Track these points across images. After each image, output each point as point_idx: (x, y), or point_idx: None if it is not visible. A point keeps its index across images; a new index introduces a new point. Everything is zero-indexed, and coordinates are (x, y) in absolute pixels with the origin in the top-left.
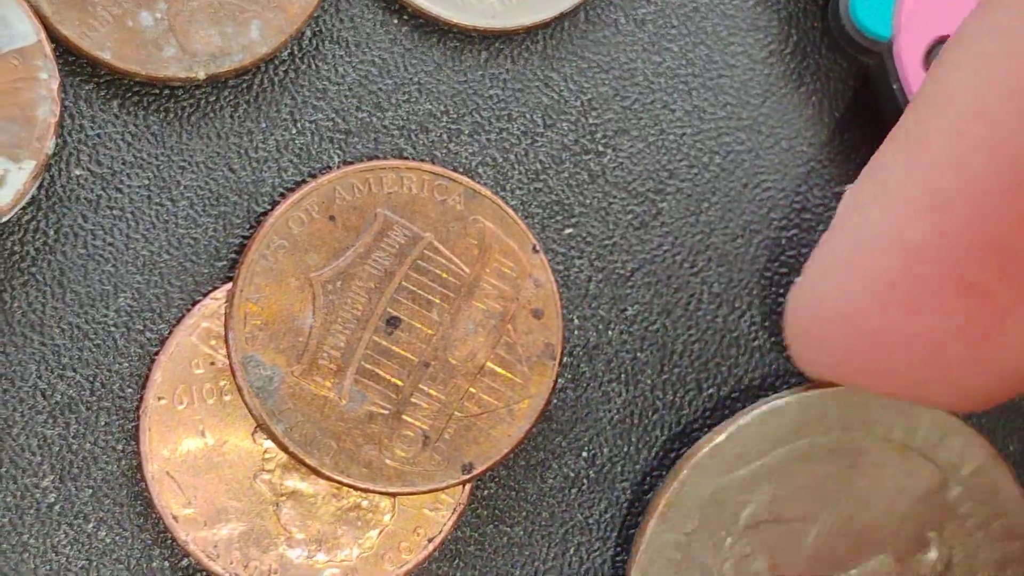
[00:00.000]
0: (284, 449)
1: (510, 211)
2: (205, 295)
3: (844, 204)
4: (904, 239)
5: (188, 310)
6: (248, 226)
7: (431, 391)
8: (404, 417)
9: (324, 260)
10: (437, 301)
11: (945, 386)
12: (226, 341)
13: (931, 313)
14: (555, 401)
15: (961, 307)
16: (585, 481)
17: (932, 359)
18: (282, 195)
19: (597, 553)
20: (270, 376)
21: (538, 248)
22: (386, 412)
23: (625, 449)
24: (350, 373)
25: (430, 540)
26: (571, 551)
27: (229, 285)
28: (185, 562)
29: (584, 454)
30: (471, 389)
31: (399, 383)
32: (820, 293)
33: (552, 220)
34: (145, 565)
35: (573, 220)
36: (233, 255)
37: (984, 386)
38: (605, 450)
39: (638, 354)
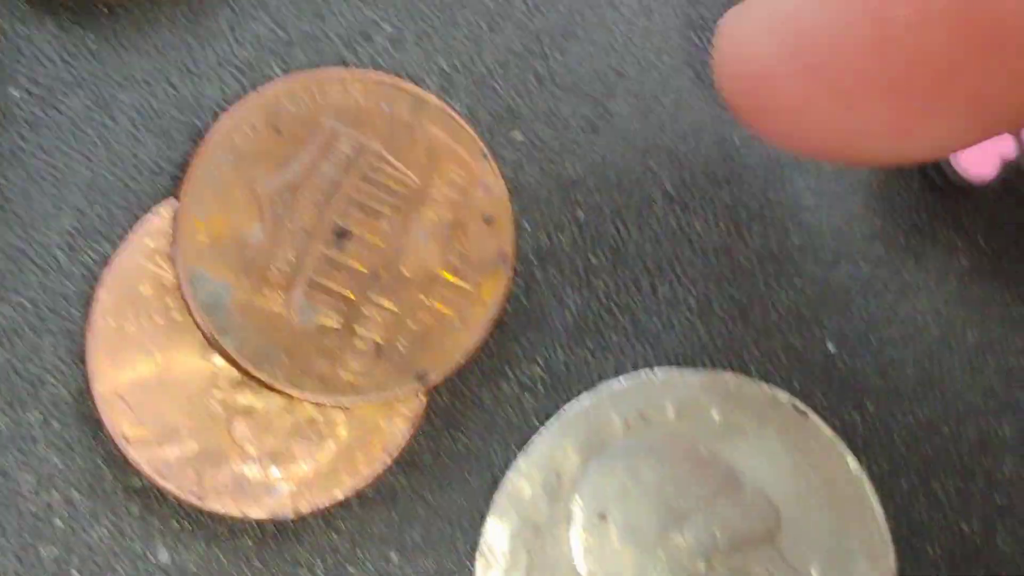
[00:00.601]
0: (235, 365)
1: (458, 118)
2: (149, 212)
3: None
4: (835, 30)
5: (131, 228)
6: (191, 142)
7: (383, 302)
8: (356, 329)
9: (270, 173)
10: (386, 211)
11: (875, 127)
12: (173, 258)
13: (851, 103)
14: (508, 308)
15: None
16: (541, 387)
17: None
18: (225, 109)
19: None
20: (219, 292)
21: (487, 154)
22: (338, 325)
23: (580, 354)
24: (300, 286)
25: (387, 451)
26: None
27: (174, 201)
28: (137, 482)
29: (539, 360)
30: (423, 299)
31: (350, 295)
32: (745, 43)
33: (500, 126)
34: (96, 486)
35: (522, 125)
36: (176, 172)
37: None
38: (560, 355)
39: (591, 258)
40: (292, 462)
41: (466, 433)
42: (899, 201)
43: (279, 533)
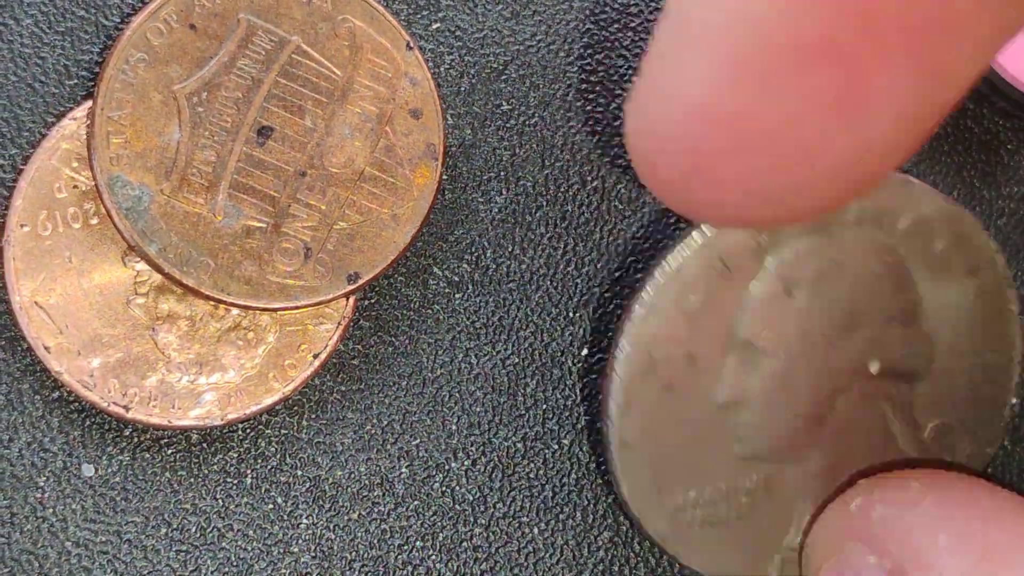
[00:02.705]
0: (159, 271)
1: (380, 8)
2: (61, 116)
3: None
4: (749, 8)
5: (42, 133)
6: (98, 41)
7: (310, 201)
8: (283, 230)
9: (187, 71)
10: (309, 107)
11: (803, 178)
12: (90, 162)
13: (788, 88)
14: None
15: (821, 76)
16: (470, 284)
17: (791, 145)
18: (133, 6)
19: (487, 358)
20: (139, 196)
21: (412, 45)
22: (264, 226)
23: (509, 249)
24: (223, 188)
25: (315, 356)
26: (460, 357)
27: (88, 104)
28: (57, 394)
29: (467, 257)
30: (351, 196)
31: (275, 195)
32: (661, 87)
33: (418, 15)
34: (15, 399)
35: (440, 14)
36: (84, 73)
37: (844, 171)
38: (488, 252)
39: (517, 150)
40: (219, 369)
41: (394, 334)
42: None
43: (206, 442)
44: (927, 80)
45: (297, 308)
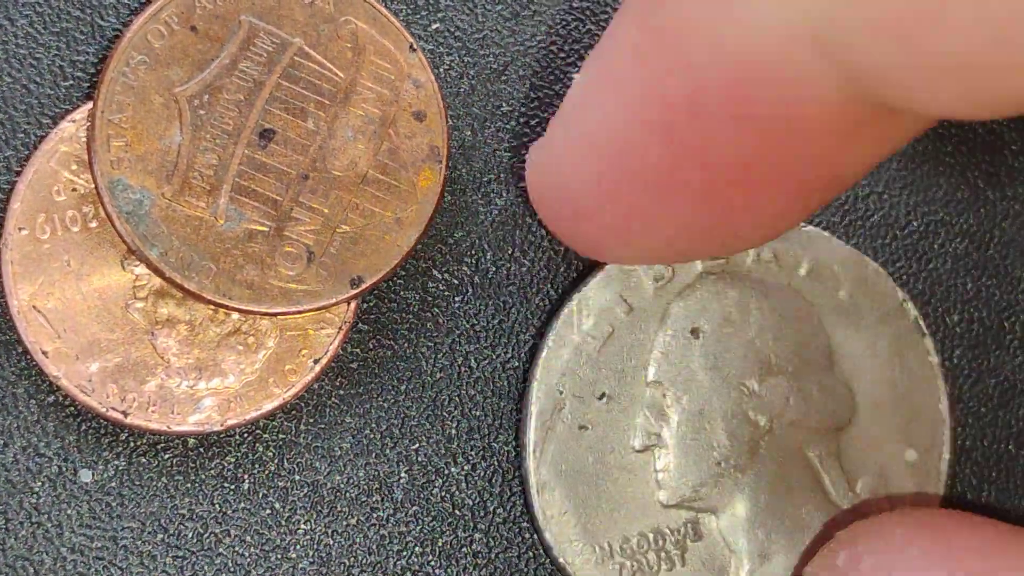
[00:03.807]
0: (161, 275)
1: (383, 9)
2: (56, 117)
3: (573, 93)
4: (626, 141)
5: (37, 135)
6: (93, 42)
7: (312, 204)
8: (286, 233)
9: (188, 74)
10: (312, 110)
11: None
12: (90, 165)
13: (656, 215)
14: None
15: (685, 210)
16: (470, 287)
17: (663, 242)
18: (129, 7)
19: (487, 361)
20: (140, 199)
21: (415, 47)
22: (266, 229)
23: (510, 251)
24: (225, 191)
25: (316, 361)
26: (459, 361)
27: (88, 106)
28: (52, 398)
29: (467, 259)
30: (354, 200)
31: (278, 198)
32: (552, 175)
33: (417, 16)
34: (10, 403)
35: (440, 15)
36: (80, 74)
37: (718, 252)
38: (488, 254)
39: (518, 152)
40: (219, 374)
41: (393, 337)
42: None
43: (203, 447)
44: (800, 204)
45: (299, 312)
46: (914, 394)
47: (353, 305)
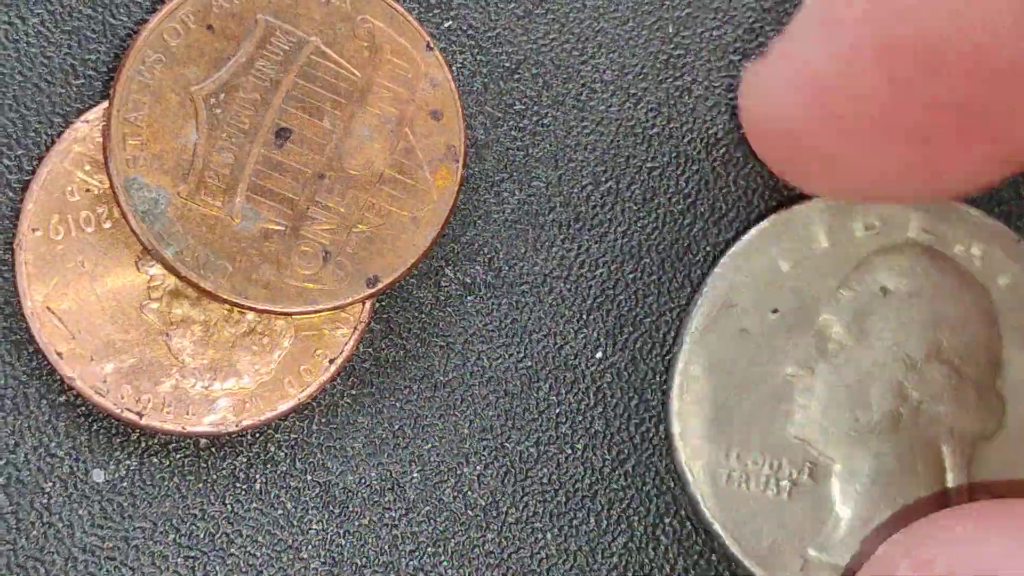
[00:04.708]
0: (176, 275)
1: (400, 8)
2: (67, 116)
3: (802, 18)
4: (855, 82)
5: (48, 134)
6: (105, 40)
7: (329, 203)
8: (302, 233)
9: (205, 73)
10: (328, 108)
11: (893, 192)
12: (106, 164)
13: (875, 149)
14: None
15: (907, 151)
16: (483, 286)
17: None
18: (141, 5)
19: (499, 361)
20: (155, 198)
21: (432, 46)
22: (282, 228)
23: (522, 250)
24: (241, 190)
25: (331, 361)
26: (472, 360)
27: (102, 106)
28: (64, 398)
29: (479, 259)
30: (371, 199)
31: (294, 197)
32: (771, 99)
33: (430, 14)
34: (22, 403)
35: (452, 13)
36: (91, 72)
37: (924, 197)
38: (501, 253)
39: (530, 150)
40: (235, 375)
41: (406, 337)
42: None
43: (215, 447)
44: (1003, 163)
45: (316, 312)
46: None
47: (368, 305)
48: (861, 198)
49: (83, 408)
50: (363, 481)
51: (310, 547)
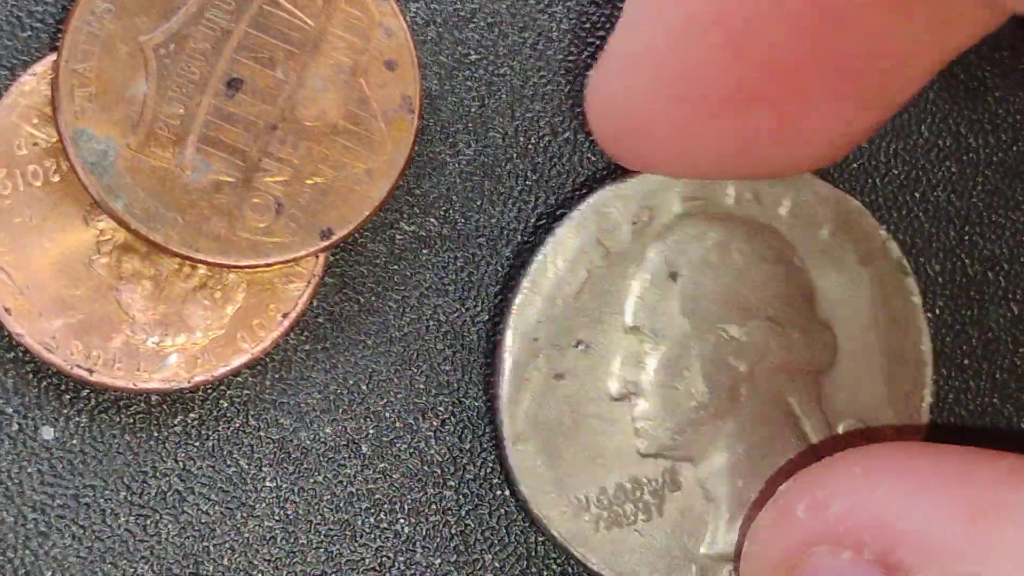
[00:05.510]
0: (126, 227)
1: None
2: (13, 69)
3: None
4: (694, 52)
5: (6, 89)
6: None
7: (281, 155)
8: (254, 184)
9: (154, 22)
10: (281, 59)
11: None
12: (54, 116)
13: (720, 124)
14: None
15: (751, 118)
16: (438, 240)
17: (729, 155)
18: None
19: (456, 315)
20: (104, 150)
21: None
22: (234, 180)
23: (478, 203)
24: (191, 141)
25: (285, 316)
26: (428, 314)
27: (50, 58)
28: (12, 355)
29: (434, 211)
30: (325, 151)
31: (246, 149)
32: (612, 92)
33: None
34: None
35: None
36: (38, 24)
37: (780, 170)
38: (457, 206)
39: (486, 101)
40: (186, 330)
41: (360, 291)
42: None
43: (167, 403)
44: (859, 114)
45: (268, 265)
46: (896, 335)
47: (322, 258)
48: (715, 175)
49: (32, 365)
50: (318, 437)
51: (264, 505)
